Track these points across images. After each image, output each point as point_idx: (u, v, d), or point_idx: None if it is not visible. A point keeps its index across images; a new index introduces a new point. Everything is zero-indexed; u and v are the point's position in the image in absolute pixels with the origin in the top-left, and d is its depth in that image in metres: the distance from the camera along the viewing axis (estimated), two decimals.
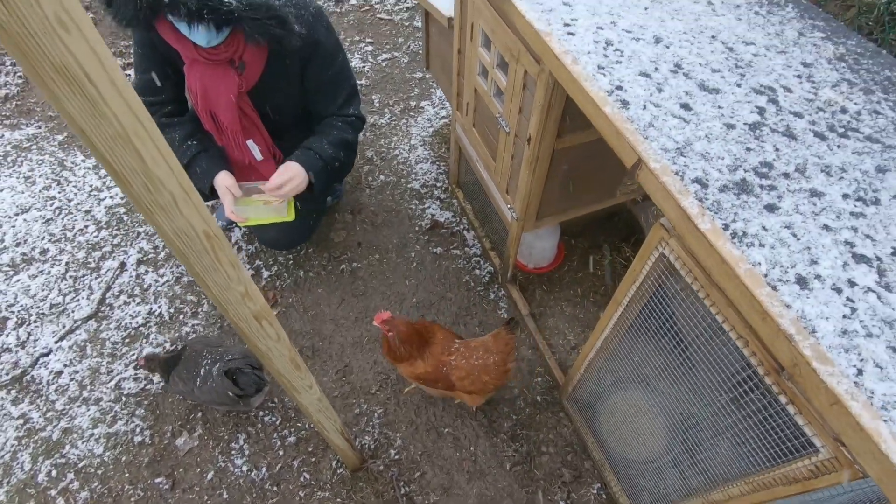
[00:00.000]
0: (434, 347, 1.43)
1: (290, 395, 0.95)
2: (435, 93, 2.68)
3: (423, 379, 1.46)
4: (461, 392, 1.46)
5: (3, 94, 2.61)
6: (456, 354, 1.43)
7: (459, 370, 1.41)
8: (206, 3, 1.14)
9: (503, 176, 1.63)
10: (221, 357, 1.47)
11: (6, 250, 2.01)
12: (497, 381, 1.44)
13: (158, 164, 0.43)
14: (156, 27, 1.31)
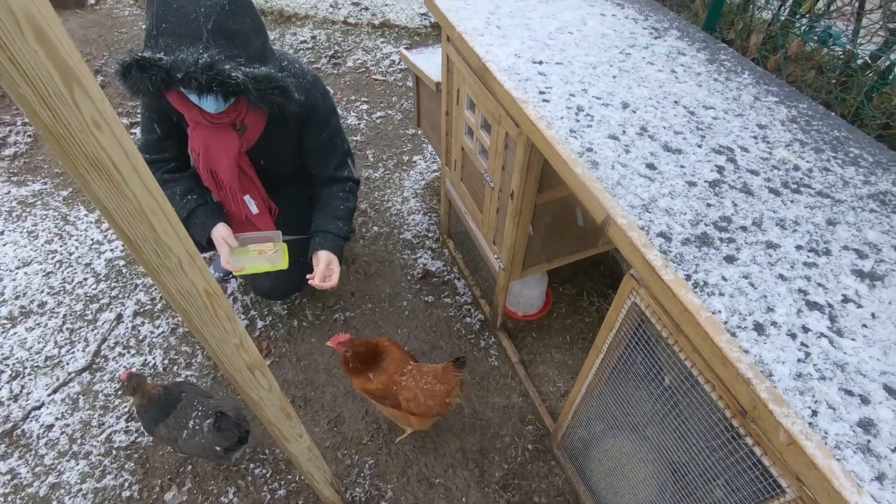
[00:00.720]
0: (389, 365, 1.51)
1: (280, 445, 0.97)
2: (426, 148, 2.81)
3: (373, 395, 1.52)
4: (406, 412, 1.51)
5: (12, 153, 2.72)
6: (407, 375, 1.50)
7: (407, 391, 1.48)
8: (215, 78, 1.24)
9: (490, 227, 1.71)
10: (213, 410, 1.48)
11: (5, 303, 2.05)
12: (440, 409, 1.50)
13: (168, 234, 0.50)
14: (165, 95, 1.41)
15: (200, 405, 1.49)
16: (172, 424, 1.46)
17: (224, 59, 1.25)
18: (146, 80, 1.24)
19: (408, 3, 4.00)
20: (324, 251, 1.66)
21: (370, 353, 1.51)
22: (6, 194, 2.49)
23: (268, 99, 1.38)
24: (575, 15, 1.58)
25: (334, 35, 3.69)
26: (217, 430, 1.43)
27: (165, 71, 1.22)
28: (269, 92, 1.36)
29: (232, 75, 1.26)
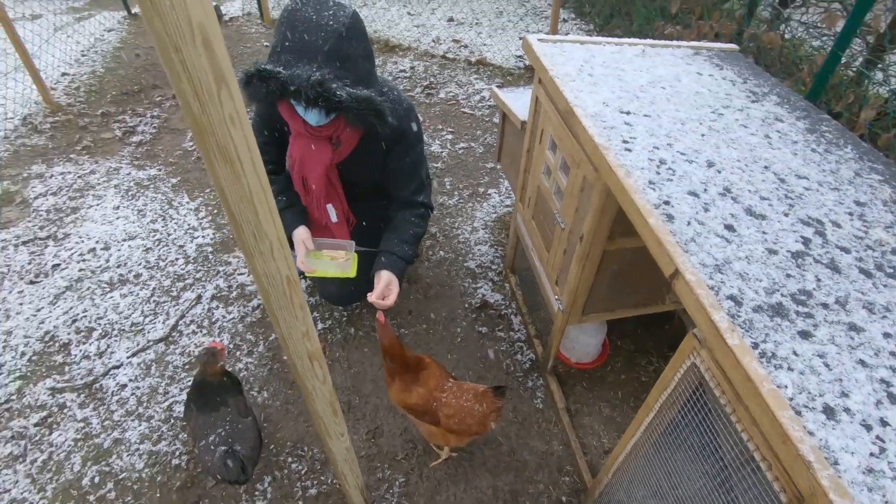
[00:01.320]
0: (428, 381, 1.51)
1: (322, 439, 1.02)
2: (502, 183, 2.87)
3: (414, 410, 1.52)
4: (444, 430, 1.50)
5: (138, 140, 3.09)
6: (448, 392, 1.50)
7: (448, 407, 1.48)
8: (322, 94, 1.37)
9: (554, 268, 1.71)
10: (232, 442, 1.48)
11: (108, 269, 2.30)
12: (479, 428, 1.49)
13: (266, 221, 0.56)
14: (276, 105, 1.57)
15: (230, 425, 1.51)
16: (201, 424, 1.52)
17: (332, 79, 1.38)
18: (264, 88, 1.39)
19: (505, 45, 4.15)
20: (386, 271, 1.73)
21: (400, 353, 1.52)
22: (127, 175, 2.82)
23: (364, 119, 1.49)
24: (670, 71, 1.58)
25: (432, 67, 3.89)
26: (223, 463, 1.44)
27: (282, 83, 1.36)
28: (366, 113, 1.48)
29: (337, 94, 1.38)
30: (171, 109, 3.38)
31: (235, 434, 1.51)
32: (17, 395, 1.85)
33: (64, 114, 3.26)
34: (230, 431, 1.51)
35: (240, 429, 1.53)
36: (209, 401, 1.56)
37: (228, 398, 1.57)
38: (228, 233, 2.51)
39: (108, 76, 3.64)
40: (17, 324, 2.07)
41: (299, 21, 1.38)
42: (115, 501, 1.60)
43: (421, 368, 1.56)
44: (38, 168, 2.83)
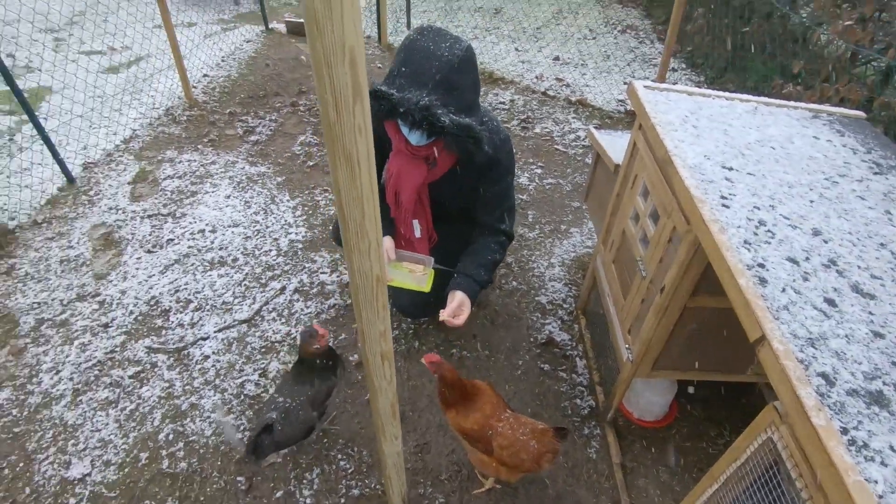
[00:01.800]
0: (485, 406, 1.50)
1: (377, 438, 1.06)
2: (586, 224, 2.84)
3: (468, 435, 1.50)
4: (496, 461, 1.47)
5: (255, 139, 3.41)
6: (504, 422, 1.48)
7: (503, 438, 1.45)
8: (427, 118, 1.47)
9: (629, 316, 1.66)
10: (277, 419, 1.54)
11: (212, 250, 2.54)
12: (533, 465, 1.45)
13: (370, 221, 0.63)
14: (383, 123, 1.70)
15: (291, 407, 1.57)
16: (277, 388, 1.65)
17: (438, 105, 1.47)
18: (376, 107, 1.51)
19: (608, 88, 4.14)
20: (460, 292, 1.77)
21: (461, 385, 1.51)
22: (241, 169, 3.12)
23: (462, 145, 1.57)
24: (783, 132, 1.52)
25: (531, 102, 3.97)
26: (245, 436, 1.52)
27: (393, 104, 1.47)
28: (464, 139, 1.55)
29: (440, 119, 1.47)
30: (286, 115, 3.71)
31: (286, 417, 1.57)
32: (120, 348, 2.09)
33: (199, 109, 3.68)
34: (285, 411, 1.57)
35: (292, 416, 1.58)
36: (297, 375, 1.66)
37: (313, 382, 1.65)
38: (319, 233, 2.69)
39: (240, 81, 4.07)
40: (130, 286, 2.34)
41: (417, 50, 1.49)
42: (182, 461, 1.74)
43: (477, 393, 1.55)
44: (171, 153, 3.22)
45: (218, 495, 1.66)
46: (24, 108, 2.55)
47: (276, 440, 1.55)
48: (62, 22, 4.71)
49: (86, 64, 3.95)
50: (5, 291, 2.28)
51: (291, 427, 1.59)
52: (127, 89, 3.84)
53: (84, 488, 1.66)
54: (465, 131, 1.54)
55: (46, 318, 2.18)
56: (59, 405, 1.88)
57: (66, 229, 2.62)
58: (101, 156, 3.15)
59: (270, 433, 1.54)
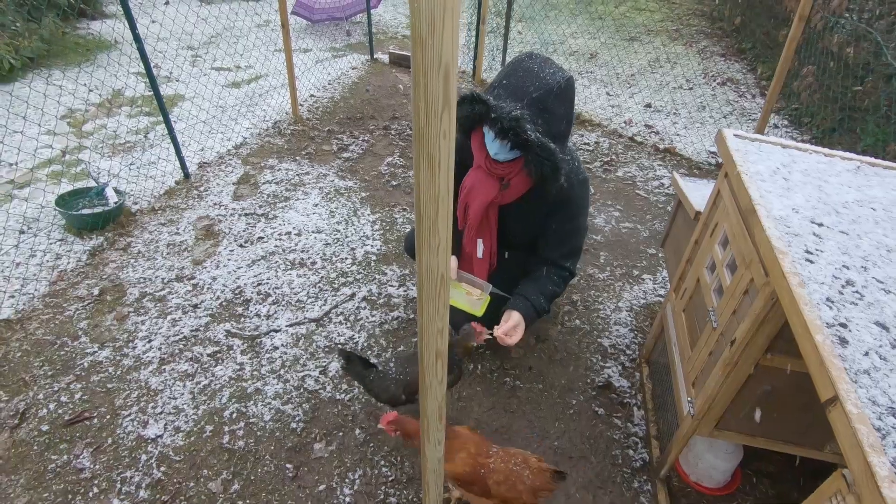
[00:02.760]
0: (468, 445, 1.46)
1: (421, 441, 1.09)
2: (660, 272, 2.75)
3: (461, 479, 1.46)
4: (496, 499, 1.44)
5: (347, 156, 3.67)
6: (494, 458, 1.45)
7: (497, 474, 1.42)
8: (514, 128, 1.54)
9: (695, 368, 1.59)
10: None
11: (294, 252, 2.75)
12: (530, 498, 1.43)
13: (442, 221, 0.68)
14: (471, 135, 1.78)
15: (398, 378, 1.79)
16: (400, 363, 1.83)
17: (528, 120, 1.54)
18: (469, 109, 1.60)
19: (699, 139, 4.03)
20: (517, 312, 1.79)
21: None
22: (331, 182, 3.36)
23: (540, 166, 1.62)
24: (888, 195, 1.42)
25: (616, 146, 3.94)
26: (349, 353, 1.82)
27: (487, 108, 1.56)
28: (544, 161, 1.60)
29: (527, 132, 1.54)
30: (378, 137, 3.96)
31: (381, 377, 1.78)
32: (204, 328, 2.29)
33: (302, 125, 4.03)
34: (384, 373, 1.78)
35: (384, 381, 1.77)
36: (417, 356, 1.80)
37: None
38: (393, 248, 2.81)
39: (341, 103, 4.42)
40: (221, 274, 2.58)
41: (521, 69, 1.59)
42: (241, 439, 1.86)
43: (455, 436, 1.49)
44: (272, 161, 3.54)
45: (267, 478, 1.76)
46: (161, 112, 2.95)
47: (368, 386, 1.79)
48: (201, 41, 5.38)
49: (215, 78, 4.49)
50: (120, 265, 2.60)
51: (378, 386, 1.78)
52: (244, 102, 4.30)
53: (155, 448, 1.82)
54: (547, 153, 1.59)
55: (148, 292, 2.45)
56: (146, 370, 2.09)
57: (176, 218, 2.95)
58: (214, 157, 3.53)
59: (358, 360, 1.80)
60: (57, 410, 1.92)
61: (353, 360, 1.82)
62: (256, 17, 6.02)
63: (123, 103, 4.16)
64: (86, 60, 4.74)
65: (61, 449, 1.81)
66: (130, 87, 4.37)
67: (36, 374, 2.05)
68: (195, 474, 1.75)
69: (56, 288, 2.44)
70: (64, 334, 2.22)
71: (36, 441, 1.83)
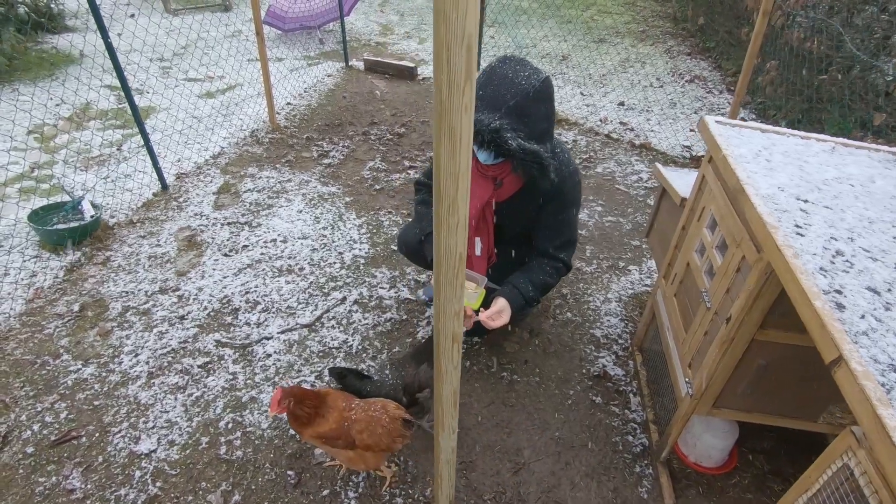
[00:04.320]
0: (337, 402, 1.56)
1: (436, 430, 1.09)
2: (645, 262, 2.80)
3: (327, 437, 1.52)
4: (361, 450, 1.53)
5: (327, 163, 3.65)
6: (356, 409, 1.55)
7: (359, 423, 1.52)
8: (495, 140, 1.55)
9: (690, 349, 1.62)
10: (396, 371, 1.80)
11: (281, 258, 2.71)
12: (389, 442, 1.53)
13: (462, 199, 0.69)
14: None
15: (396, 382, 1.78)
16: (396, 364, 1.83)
17: (508, 129, 1.56)
18: None
19: (673, 134, 4.14)
20: (503, 299, 1.82)
21: (313, 396, 1.53)
22: (313, 188, 3.33)
23: (528, 169, 1.64)
24: (863, 171, 1.49)
25: (594, 144, 4.02)
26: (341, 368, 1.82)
27: None
28: (530, 164, 1.62)
29: (508, 143, 1.55)
30: (358, 143, 3.94)
31: (379, 385, 1.77)
32: (192, 339, 2.24)
33: (280, 133, 3.99)
34: (381, 381, 1.78)
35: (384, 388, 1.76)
36: (416, 355, 1.80)
37: (421, 368, 1.77)
38: (381, 251, 2.80)
39: (318, 110, 4.39)
40: (206, 284, 2.53)
41: (496, 76, 1.60)
42: (238, 449, 1.82)
43: (327, 396, 1.58)
44: (252, 170, 3.49)
45: (268, 486, 1.72)
46: (137, 123, 2.88)
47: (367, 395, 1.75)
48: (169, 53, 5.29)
49: (188, 88, 4.41)
50: (100, 279, 2.52)
51: (377, 391, 1.76)
52: (220, 112, 4.23)
53: (149, 463, 1.77)
54: (531, 157, 1.61)
55: (132, 305, 2.38)
56: (134, 385, 2.03)
57: (157, 229, 2.87)
58: (192, 168, 3.46)
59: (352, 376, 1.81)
60: (42, 431, 1.85)
61: (347, 377, 1.81)
62: (226, 28, 5.95)
63: (93, 116, 4.05)
64: (50, 75, 4.60)
65: (49, 470, 1.73)
66: (101, 99, 4.26)
67: (17, 396, 1.96)
68: (193, 488, 1.70)
69: (33, 306, 2.35)
70: (44, 353, 2.13)
71: (21, 464, 1.75)
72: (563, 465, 1.83)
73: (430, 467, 1.81)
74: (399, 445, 1.58)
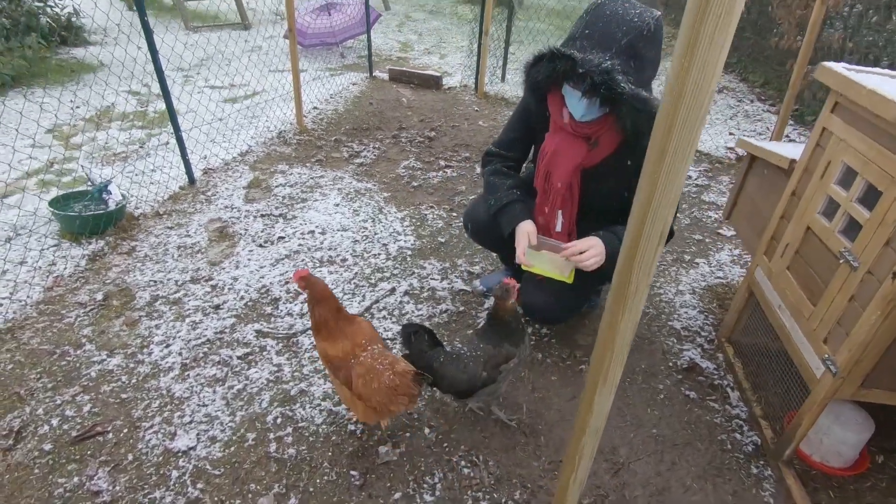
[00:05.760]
0: (356, 336, 1.45)
1: (589, 383, 0.86)
2: (713, 255, 2.60)
3: (332, 361, 1.44)
4: (355, 395, 1.41)
5: (360, 162, 3.48)
6: (368, 353, 1.42)
7: (361, 367, 1.40)
8: (607, 81, 1.37)
9: (825, 322, 1.40)
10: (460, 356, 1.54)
11: (321, 250, 2.50)
12: (384, 399, 1.38)
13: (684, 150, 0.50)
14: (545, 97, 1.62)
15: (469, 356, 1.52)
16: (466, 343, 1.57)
17: (620, 71, 1.38)
18: (549, 69, 1.44)
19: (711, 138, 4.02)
20: (598, 238, 1.60)
21: (334, 305, 1.46)
22: (348, 183, 3.16)
23: (635, 119, 1.44)
24: None
25: None
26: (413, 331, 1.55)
27: (572, 64, 1.39)
28: (640, 113, 1.43)
29: (621, 85, 1.37)
30: (388, 145, 3.80)
31: (455, 359, 1.51)
32: (229, 329, 2.00)
33: (308, 135, 3.84)
34: (457, 354, 1.52)
35: (460, 362, 1.50)
36: (483, 333, 1.55)
37: (498, 343, 1.51)
38: (427, 243, 2.60)
39: (345, 115, 4.27)
40: (242, 274, 2.30)
41: (604, 13, 1.42)
42: (291, 447, 1.57)
43: (353, 323, 1.49)
44: (282, 167, 3.32)
45: (329, 488, 1.46)
46: (169, 114, 2.73)
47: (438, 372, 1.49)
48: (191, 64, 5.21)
49: (209, 94, 4.30)
50: (125, 268, 2.29)
51: (453, 368, 1.50)
52: (245, 114, 4.10)
53: (188, 462, 1.51)
54: (642, 104, 1.42)
55: (161, 295, 2.15)
56: (166, 377, 1.78)
57: (185, 221, 2.67)
58: (220, 164, 3.28)
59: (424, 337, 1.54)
60: (62, 426, 1.59)
61: (420, 337, 1.54)
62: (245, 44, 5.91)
63: (114, 118, 3.91)
64: (70, 80, 4.50)
65: (70, 470, 1.47)
66: (122, 103, 4.13)
67: (33, 388, 1.71)
68: (240, 490, 1.44)
69: (52, 294, 2.11)
70: (64, 342, 1.89)
71: (37, 463, 1.49)
72: (669, 465, 1.58)
73: (514, 468, 1.55)
74: (400, 407, 1.41)
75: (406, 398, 1.39)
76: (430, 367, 1.50)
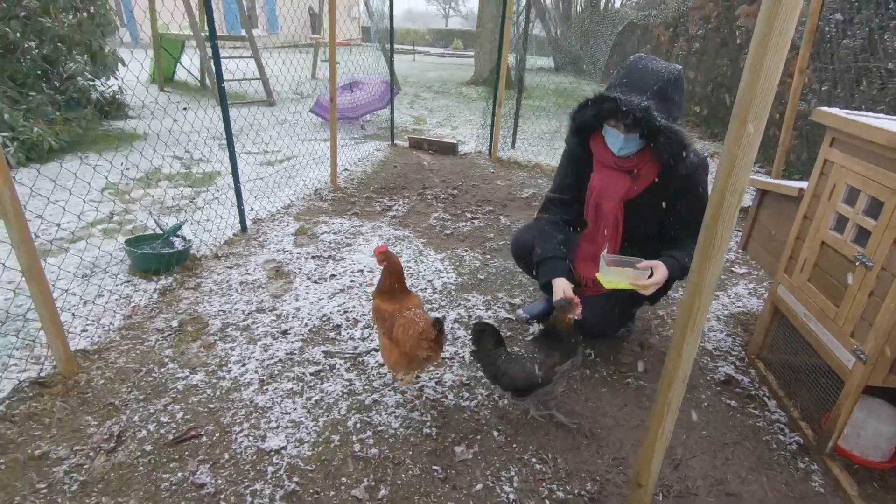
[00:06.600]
0: (406, 302, 1.82)
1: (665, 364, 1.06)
2: (730, 289, 2.83)
3: (382, 314, 1.81)
4: (394, 342, 1.73)
5: (394, 214, 3.77)
6: (411, 311, 1.76)
7: (402, 318, 1.74)
8: (646, 117, 1.68)
9: (850, 318, 1.61)
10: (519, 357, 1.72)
11: (372, 285, 2.70)
12: (414, 345, 1.67)
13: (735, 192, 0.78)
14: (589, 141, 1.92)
15: (525, 357, 1.69)
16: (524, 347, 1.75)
17: (655, 108, 1.69)
18: (597, 108, 1.75)
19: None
20: (664, 267, 1.83)
21: (401, 278, 1.85)
22: (387, 231, 3.42)
23: (671, 149, 1.74)
24: None
25: None
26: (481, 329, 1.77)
27: (615, 104, 1.71)
28: (674, 143, 1.73)
29: (658, 119, 1.68)
30: (415, 200, 4.11)
31: (514, 359, 1.69)
32: (299, 351, 2.16)
33: (341, 193, 4.17)
34: (516, 355, 1.71)
35: (518, 361, 1.68)
36: (539, 339, 1.74)
37: (554, 347, 1.68)
38: (468, 279, 2.81)
39: (373, 176, 4.63)
40: (303, 305, 2.49)
41: (637, 67, 1.77)
42: (373, 447, 1.68)
43: (408, 295, 1.87)
44: (324, 218, 3.60)
45: (415, 481, 1.57)
46: (232, 165, 3.04)
47: (498, 369, 1.70)
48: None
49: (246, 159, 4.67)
50: (194, 301, 2.47)
51: (513, 367, 1.67)
52: (283, 175, 4.45)
53: (281, 459, 1.62)
54: (674, 135, 1.73)
55: (231, 322, 2.32)
56: (247, 390, 1.91)
57: (242, 262, 2.88)
58: (266, 215, 3.56)
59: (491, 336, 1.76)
60: (158, 430, 1.71)
61: (487, 336, 1.74)
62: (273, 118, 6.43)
63: (162, 178, 4.23)
64: (118, 147, 4.88)
65: (172, 467, 1.58)
66: (167, 166, 4.48)
67: (126, 399, 1.84)
68: (333, 483, 1.55)
69: (131, 321, 2.27)
70: (149, 362, 2.03)
71: (140, 462, 1.59)
72: (723, 460, 1.71)
73: (581, 464, 1.67)
74: (422, 353, 1.67)
75: (427, 343, 1.67)
76: (493, 363, 1.70)
